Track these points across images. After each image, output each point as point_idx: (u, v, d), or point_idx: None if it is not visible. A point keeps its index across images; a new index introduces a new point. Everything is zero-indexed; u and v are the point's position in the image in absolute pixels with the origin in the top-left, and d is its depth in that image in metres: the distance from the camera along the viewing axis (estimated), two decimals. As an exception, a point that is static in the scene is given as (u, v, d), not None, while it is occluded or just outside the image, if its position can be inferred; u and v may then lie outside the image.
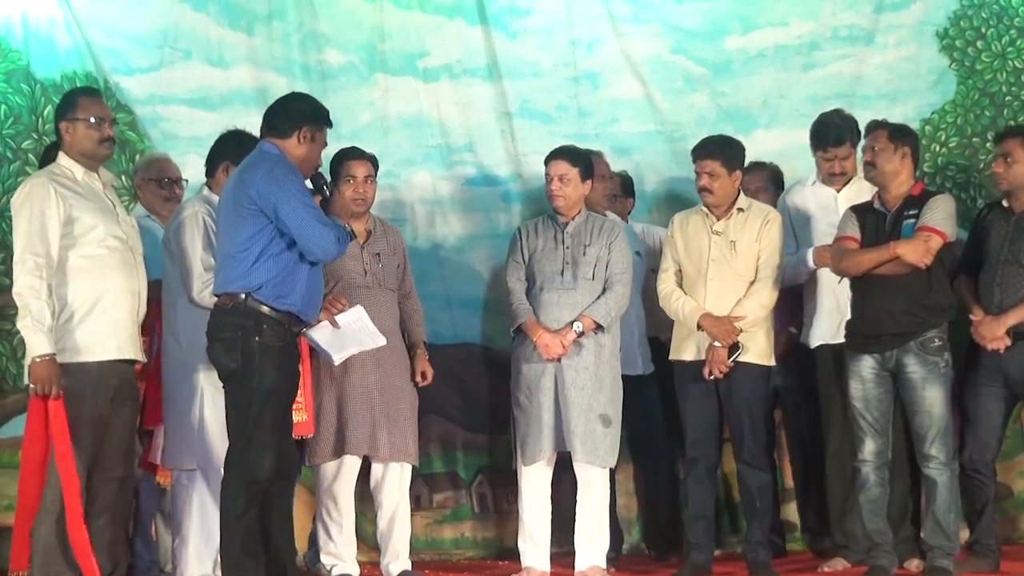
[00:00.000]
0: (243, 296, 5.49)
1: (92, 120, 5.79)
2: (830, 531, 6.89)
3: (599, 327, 6.56)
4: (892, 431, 6.34)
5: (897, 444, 6.42)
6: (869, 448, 6.30)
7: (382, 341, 6.35)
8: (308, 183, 5.77)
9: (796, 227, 6.90)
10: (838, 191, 6.85)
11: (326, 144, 5.83)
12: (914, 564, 6.56)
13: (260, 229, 5.49)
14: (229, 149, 6.26)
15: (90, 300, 5.66)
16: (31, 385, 5.51)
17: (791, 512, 7.41)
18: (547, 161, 6.76)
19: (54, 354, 5.50)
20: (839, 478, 6.73)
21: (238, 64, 7.72)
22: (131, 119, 7.53)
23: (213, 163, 6.33)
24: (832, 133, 6.82)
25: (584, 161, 6.74)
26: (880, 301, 6.23)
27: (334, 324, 6.18)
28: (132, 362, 5.81)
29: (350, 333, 6.24)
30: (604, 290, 6.62)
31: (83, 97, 5.93)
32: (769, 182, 7.33)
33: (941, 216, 6.20)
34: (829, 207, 6.82)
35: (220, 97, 7.66)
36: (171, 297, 6.17)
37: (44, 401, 5.51)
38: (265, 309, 5.49)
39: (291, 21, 7.75)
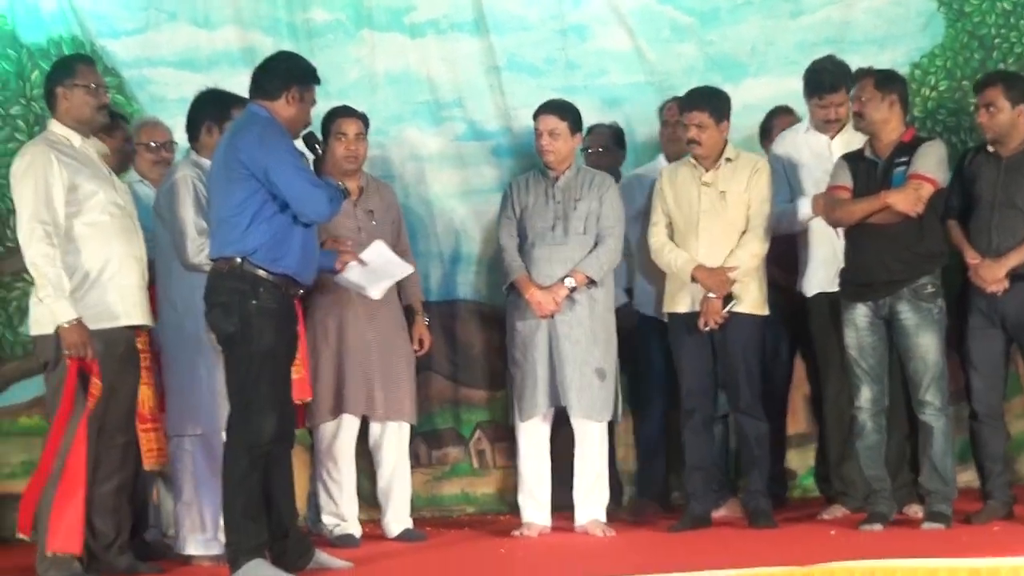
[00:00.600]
0: (239, 260, 5.48)
1: (91, 86, 5.79)
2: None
3: (592, 281, 6.57)
4: (888, 378, 6.37)
5: (894, 390, 6.44)
6: (865, 395, 6.33)
7: (410, 269, 6.49)
8: (300, 143, 5.77)
9: (789, 175, 6.88)
10: (832, 138, 6.82)
11: (315, 102, 5.80)
12: (913, 509, 6.58)
13: (252, 193, 5.48)
14: (209, 109, 6.24)
15: (96, 268, 5.67)
16: (64, 351, 5.50)
17: (793, 460, 7.46)
18: (536, 116, 6.75)
19: (80, 318, 5.51)
20: (837, 426, 6.76)
21: (224, 24, 7.65)
22: (118, 83, 7.44)
23: (195, 126, 6.29)
24: (826, 79, 6.79)
25: (573, 114, 6.73)
26: (873, 249, 6.24)
27: (361, 262, 6.20)
28: (135, 328, 5.81)
29: (379, 267, 6.27)
30: (596, 244, 6.63)
31: (81, 64, 5.92)
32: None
33: (932, 163, 6.21)
34: (823, 155, 6.79)
35: (206, 58, 7.59)
36: (165, 262, 6.14)
37: (80, 364, 5.52)
38: (261, 272, 5.48)
39: (276, -21, 7.71)
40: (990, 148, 6.43)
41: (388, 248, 6.35)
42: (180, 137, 6.85)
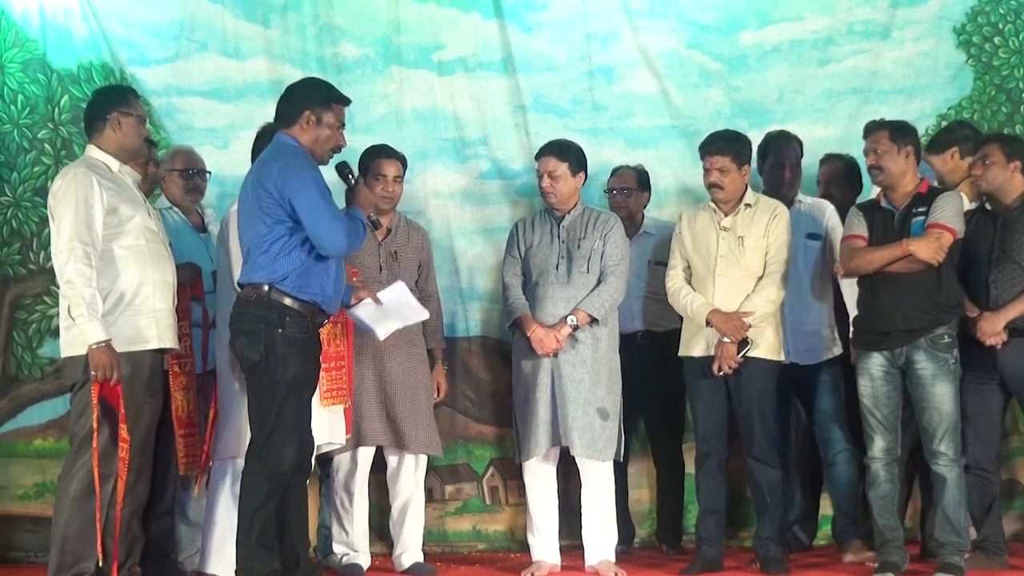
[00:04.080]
0: (266, 288, 5.51)
1: (142, 117, 5.94)
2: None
3: (594, 320, 6.56)
4: (900, 428, 6.35)
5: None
6: (879, 445, 6.30)
7: (425, 315, 6.39)
8: (335, 171, 5.80)
9: None
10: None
11: (343, 124, 5.74)
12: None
13: (279, 222, 5.51)
14: None
15: (131, 291, 5.72)
16: (92, 372, 5.52)
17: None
18: (537, 157, 6.79)
19: (109, 340, 5.55)
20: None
21: (254, 56, 7.74)
22: (147, 110, 7.49)
23: None
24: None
25: (575, 155, 6.73)
26: (891, 298, 6.23)
27: (376, 301, 6.19)
28: (163, 351, 5.86)
29: (393, 308, 6.23)
30: (599, 282, 6.63)
31: (132, 95, 6.04)
32: (843, 174, 7.29)
33: (950, 213, 6.20)
34: None
35: (235, 89, 7.69)
36: (225, 288, 6.15)
37: (104, 387, 5.55)
38: (288, 301, 5.51)
39: (307, 13, 7.78)
40: (987, 206, 6.47)
41: (408, 291, 6.34)
42: (206, 166, 6.93)
